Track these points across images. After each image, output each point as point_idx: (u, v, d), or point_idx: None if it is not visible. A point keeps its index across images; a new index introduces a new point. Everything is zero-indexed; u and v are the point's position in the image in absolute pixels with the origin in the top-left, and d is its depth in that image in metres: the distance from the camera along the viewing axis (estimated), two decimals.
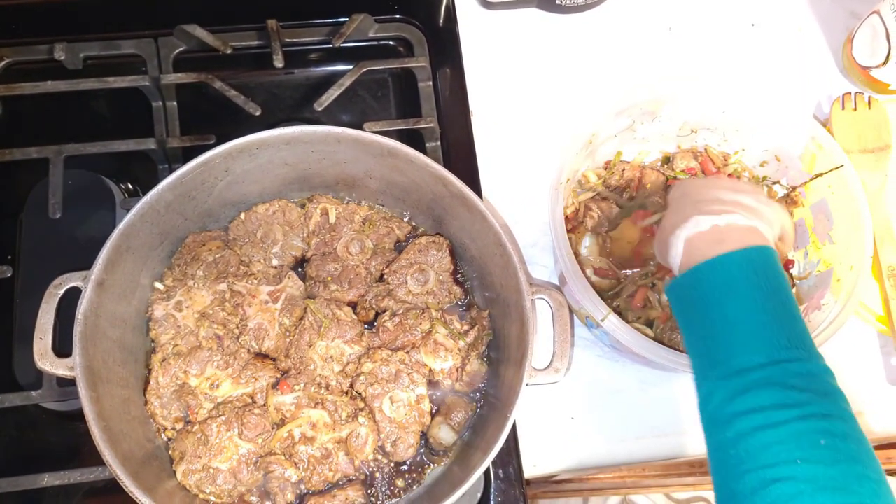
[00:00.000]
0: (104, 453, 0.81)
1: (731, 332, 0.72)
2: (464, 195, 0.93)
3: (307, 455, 0.92)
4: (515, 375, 0.89)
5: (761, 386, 0.68)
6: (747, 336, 0.72)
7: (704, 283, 0.76)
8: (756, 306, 0.73)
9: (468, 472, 0.86)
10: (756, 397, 0.68)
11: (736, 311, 0.73)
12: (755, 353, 0.70)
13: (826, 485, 0.62)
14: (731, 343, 0.72)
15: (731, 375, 0.70)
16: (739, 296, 0.74)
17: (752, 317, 0.72)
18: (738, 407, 0.68)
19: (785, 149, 1.10)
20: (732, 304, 0.73)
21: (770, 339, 0.71)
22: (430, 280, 1.01)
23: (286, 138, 0.94)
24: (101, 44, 1.16)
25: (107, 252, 0.87)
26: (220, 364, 0.94)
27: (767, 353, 0.70)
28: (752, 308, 0.73)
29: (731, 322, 0.73)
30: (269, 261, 1.02)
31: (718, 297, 0.74)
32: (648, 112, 1.09)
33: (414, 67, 1.18)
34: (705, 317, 0.75)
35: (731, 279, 0.74)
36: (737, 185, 0.87)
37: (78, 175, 1.10)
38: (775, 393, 0.67)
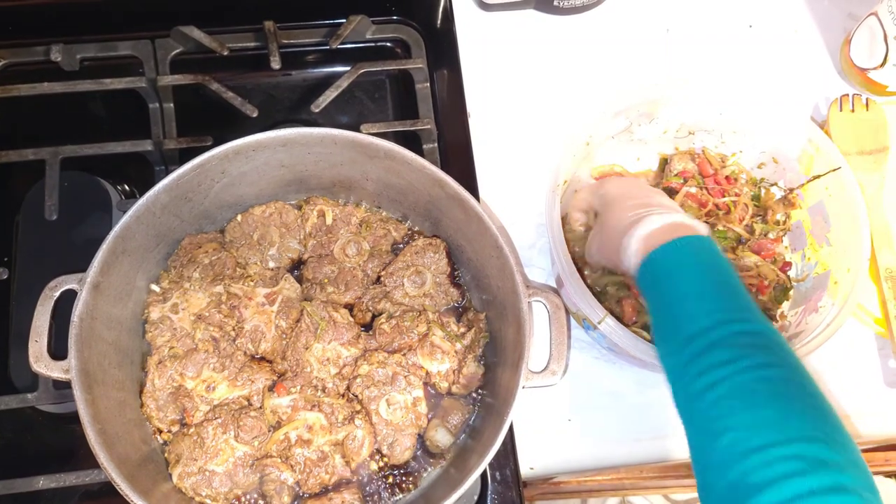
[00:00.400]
0: (99, 456, 0.80)
1: (681, 306, 0.78)
2: (460, 197, 0.93)
3: (303, 458, 0.91)
4: (512, 378, 0.89)
5: (706, 348, 0.72)
6: (694, 308, 0.76)
7: (658, 266, 0.82)
8: (702, 281, 0.78)
9: (465, 475, 0.86)
10: (702, 359, 0.72)
11: (685, 286, 0.78)
12: (700, 321, 0.75)
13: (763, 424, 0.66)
14: (680, 316, 0.77)
15: (681, 345, 0.75)
16: (687, 274, 0.79)
17: (697, 290, 0.78)
18: (690, 371, 0.72)
19: (782, 151, 1.10)
20: (681, 282, 0.79)
21: (713, 308, 0.75)
22: (427, 282, 1.01)
23: (282, 140, 0.94)
24: (98, 45, 1.16)
25: (102, 254, 0.86)
26: (216, 366, 0.94)
27: (710, 319, 0.74)
28: (698, 283, 0.78)
29: (681, 297, 0.78)
30: (266, 263, 1.01)
31: (669, 276, 0.80)
32: (646, 114, 1.09)
33: (411, 69, 1.18)
34: (661, 297, 0.81)
35: (680, 260, 0.81)
36: (651, 188, 0.96)
37: (74, 177, 1.10)
38: (718, 352, 0.71)
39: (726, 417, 0.67)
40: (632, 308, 1.04)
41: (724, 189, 1.10)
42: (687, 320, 0.76)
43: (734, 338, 0.72)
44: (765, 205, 1.12)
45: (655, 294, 0.82)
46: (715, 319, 0.74)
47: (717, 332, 0.73)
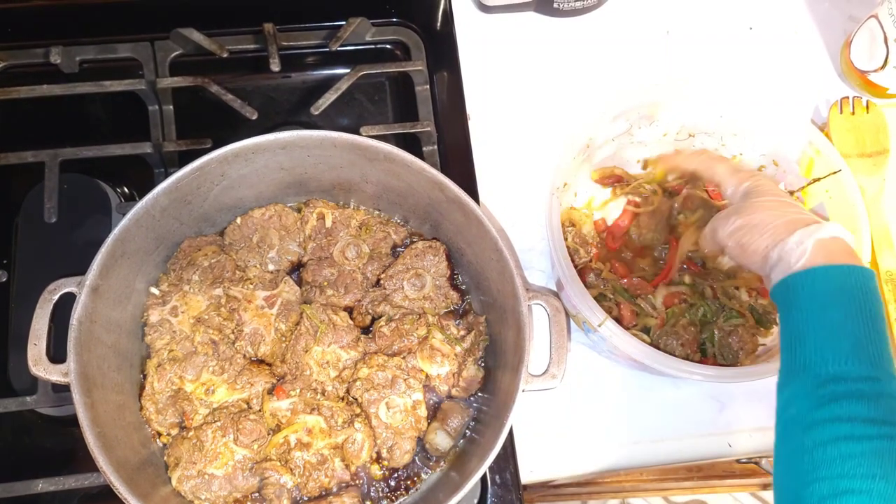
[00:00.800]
0: (98, 460, 0.80)
1: (831, 339, 0.72)
2: (460, 200, 0.93)
3: (303, 461, 0.91)
4: (512, 381, 0.89)
5: (853, 397, 0.68)
6: (847, 346, 0.71)
7: (819, 285, 0.76)
8: (859, 320, 0.73)
9: (464, 479, 0.86)
10: (846, 407, 0.67)
11: (840, 319, 0.73)
12: (852, 364, 0.70)
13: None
14: (828, 349, 0.72)
15: (823, 381, 0.70)
16: (847, 306, 0.74)
17: (854, 329, 0.72)
18: (825, 414, 0.68)
19: (783, 153, 1.10)
20: (838, 313, 0.74)
21: (869, 355, 0.71)
22: (427, 285, 1.01)
23: (282, 143, 0.93)
24: (98, 47, 1.16)
25: (102, 257, 0.86)
26: (215, 369, 0.94)
27: (864, 368, 0.70)
28: (855, 321, 0.73)
29: (834, 329, 0.73)
30: (265, 266, 1.01)
31: (827, 301, 0.75)
32: (646, 116, 1.08)
33: (411, 71, 1.18)
34: (807, 318, 0.75)
35: (843, 288, 0.75)
36: None
37: (74, 179, 1.10)
38: (866, 407, 0.67)
39: (852, 479, 0.64)
40: (630, 312, 1.04)
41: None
42: (832, 358, 0.71)
43: (884, 398, 0.68)
44: None
45: (802, 312, 0.76)
46: (866, 371, 0.70)
47: (865, 385, 0.68)
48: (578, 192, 1.12)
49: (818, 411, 0.69)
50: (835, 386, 0.70)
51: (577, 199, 1.12)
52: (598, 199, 1.14)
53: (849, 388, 0.69)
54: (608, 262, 1.08)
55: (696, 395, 1.08)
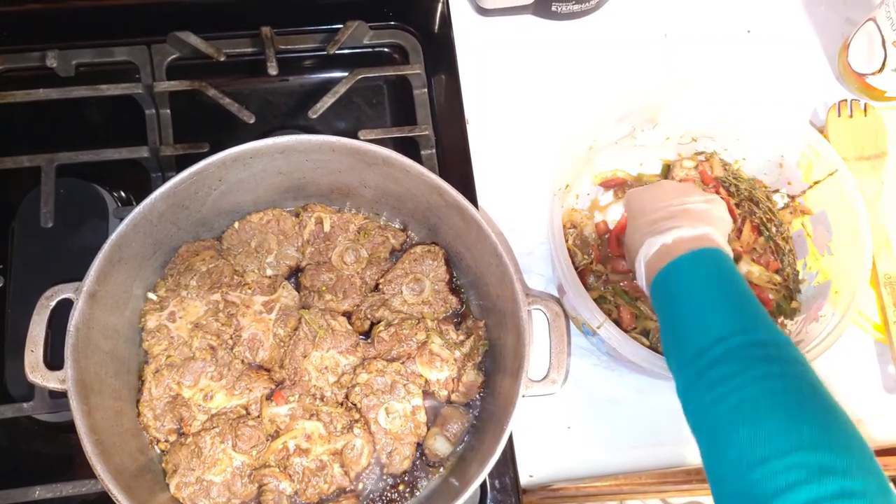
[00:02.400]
0: (96, 467, 0.80)
1: (689, 320, 0.78)
2: (459, 205, 0.92)
3: (302, 467, 0.91)
4: (512, 386, 0.89)
5: (714, 361, 0.72)
6: (702, 321, 0.77)
7: (667, 282, 0.83)
8: (709, 293, 0.79)
9: (464, 485, 0.86)
10: (710, 373, 0.72)
11: (693, 300, 0.79)
12: (708, 333, 0.75)
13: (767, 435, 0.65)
14: (689, 329, 0.78)
15: (691, 359, 0.75)
16: (695, 287, 0.80)
17: (706, 303, 0.78)
18: (699, 385, 0.73)
19: (785, 157, 1.10)
20: (690, 295, 0.80)
21: (722, 320, 0.76)
22: (426, 289, 1.00)
23: (280, 147, 0.93)
24: (94, 51, 1.15)
25: (99, 263, 0.86)
26: (213, 375, 0.93)
27: (718, 331, 0.74)
28: (705, 296, 0.79)
29: (689, 311, 0.79)
30: (264, 270, 1.01)
31: (674, 296, 0.81)
32: (649, 119, 1.08)
33: (409, 74, 1.18)
34: (671, 311, 0.81)
35: (688, 274, 0.81)
36: (684, 188, 0.94)
37: (70, 183, 1.09)
38: (725, 365, 0.72)
39: (732, 431, 0.68)
40: (630, 315, 1.04)
41: (725, 200, 1.09)
42: (696, 334, 0.76)
43: (741, 350, 0.72)
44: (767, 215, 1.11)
45: (666, 309, 0.82)
46: (723, 332, 0.74)
47: (724, 345, 0.73)
48: (580, 195, 1.12)
49: (697, 386, 0.74)
50: (701, 358, 0.74)
51: (579, 201, 1.12)
52: (601, 201, 1.14)
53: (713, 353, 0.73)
54: (609, 265, 1.08)
55: None
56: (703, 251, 0.82)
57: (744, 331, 0.74)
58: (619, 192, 1.14)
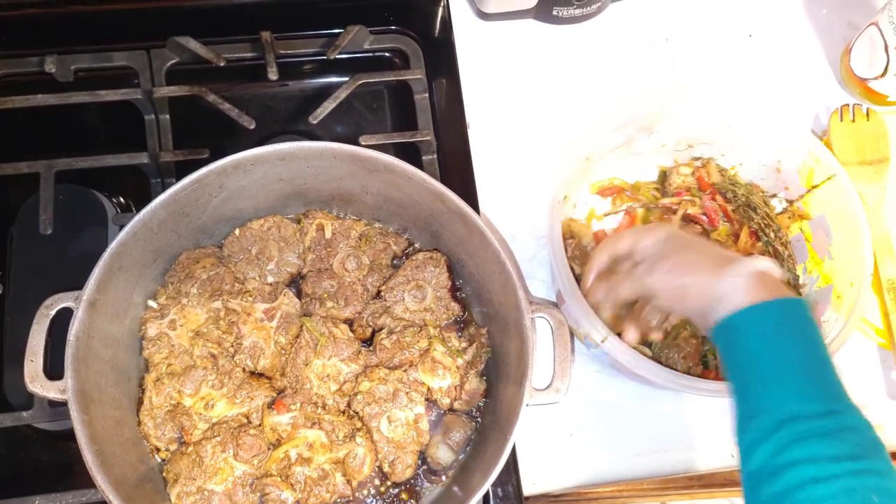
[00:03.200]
0: (96, 478, 0.79)
1: (780, 377, 0.71)
2: (462, 212, 0.92)
3: (304, 476, 0.90)
4: (515, 395, 0.88)
5: (814, 436, 0.67)
6: (798, 382, 0.70)
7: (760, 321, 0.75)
8: (805, 353, 0.72)
9: (468, 494, 0.85)
10: (808, 448, 0.66)
11: (787, 355, 0.72)
12: (806, 401, 0.69)
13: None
14: (780, 388, 0.71)
15: (781, 423, 0.68)
16: (791, 341, 0.73)
17: (802, 363, 0.71)
18: (789, 458, 0.66)
19: (784, 162, 1.09)
20: (783, 348, 0.72)
21: (821, 388, 0.70)
22: (428, 296, 1.00)
23: (281, 154, 0.92)
24: (93, 56, 1.14)
25: (99, 272, 0.85)
26: (214, 383, 0.93)
27: (819, 403, 0.69)
28: (801, 354, 0.72)
29: (781, 366, 0.72)
30: (265, 278, 1.00)
31: (770, 338, 0.73)
32: (644, 127, 1.08)
33: (410, 79, 1.17)
34: (753, 358, 0.74)
35: (784, 322, 0.74)
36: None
37: (69, 189, 1.08)
38: (828, 444, 0.66)
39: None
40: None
41: (723, 207, 1.09)
42: (788, 398, 0.70)
43: (843, 432, 0.67)
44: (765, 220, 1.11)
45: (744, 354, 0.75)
46: (823, 407, 0.69)
47: (824, 422, 0.67)
48: (578, 204, 1.11)
49: (781, 456, 0.67)
50: (793, 426, 0.68)
51: (577, 210, 1.11)
52: (599, 209, 1.13)
53: (807, 426, 0.67)
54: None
55: (698, 405, 1.07)
56: (799, 303, 0.75)
57: (837, 411, 0.69)
58: (617, 199, 1.14)
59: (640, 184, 1.15)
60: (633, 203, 1.12)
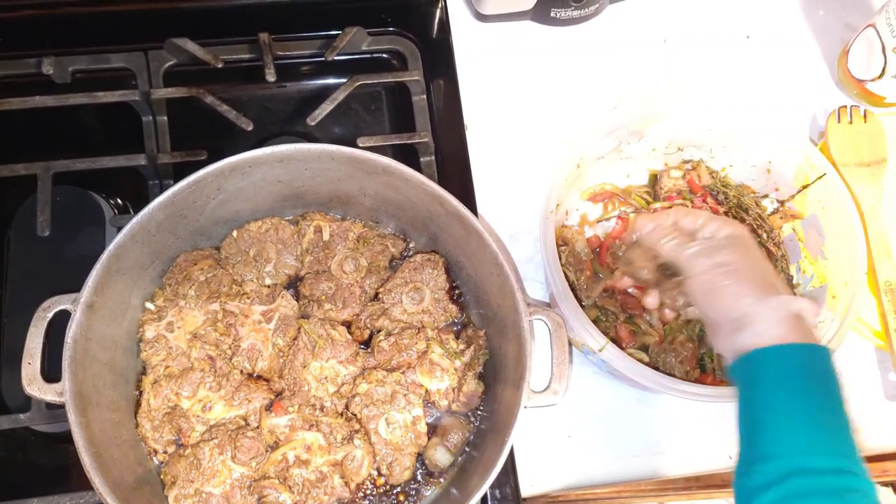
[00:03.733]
0: (94, 480, 0.79)
1: (794, 426, 0.69)
2: (460, 214, 0.92)
3: (302, 478, 0.90)
4: (513, 397, 0.88)
5: (820, 494, 0.65)
6: (811, 436, 0.68)
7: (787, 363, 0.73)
8: (824, 406, 0.70)
9: (466, 496, 0.85)
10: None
11: (805, 405, 0.70)
12: (817, 456, 0.67)
13: None
14: (792, 438, 0.69)
15: (787, 475, 0.66)
16: (812, 390, 0.71)
17: (819, 416, 0.70)
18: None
19: (775, 163, 1.09)
20: (803, 397, 0.71)
21: (834, 445, 0.68)
22: (426, 298, 1.00)
23: (279, 156, 0.92)
24: (90, 57, 1.14)
25: (96, 274, 0.85)
26: (212, 386, 0.93)
27: (829, 459, 0.67)
28: (820, 407, 0.70)
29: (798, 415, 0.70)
30: (262, 280, 1.00)
31: (792, 383, 0.71)
32: (635, 132, 1.08)
33: (408, 81, 1.17)
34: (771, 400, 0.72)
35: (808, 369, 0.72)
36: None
37: (67, 191, 1.08)
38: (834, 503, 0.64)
39: None
40: (628, 332, 1.04)
41: (714, 209, 1.09)
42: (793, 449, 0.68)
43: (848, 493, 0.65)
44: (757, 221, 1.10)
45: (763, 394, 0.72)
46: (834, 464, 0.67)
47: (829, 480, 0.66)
48: (570, 211, 1.11)
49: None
50: (800, 480, 0.66)
51: (569, 217, 1.11)
52: (591, 215, 1.13)
53: (815, 483, 0.66)
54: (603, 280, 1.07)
55: (696, 407, 1.07)
56: (814, 348, 0.73)
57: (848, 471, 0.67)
58: (608, 204, 1.13)
59: (631, 188, 1.15)
60: (626, 208, 1.12)
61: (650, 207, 1.11)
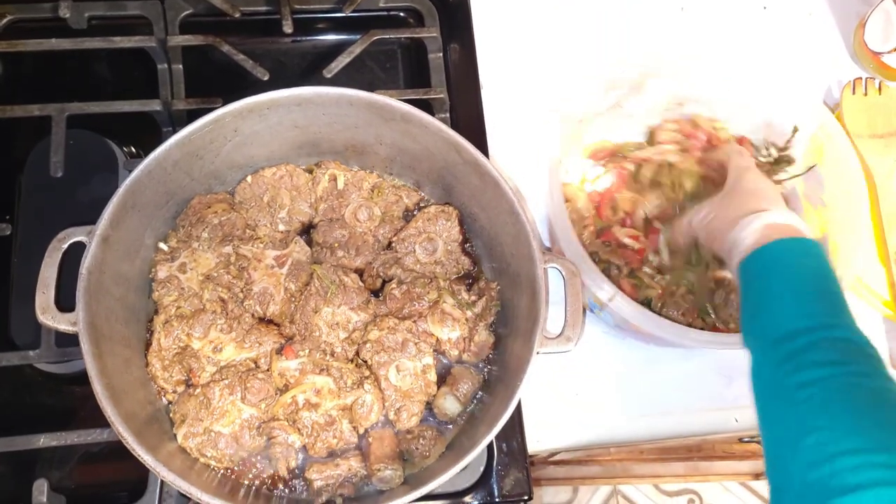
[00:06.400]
0: (106, 410, 0.78)
1: (781, 303, 0.77)
2: (477, 162, 0.92)
3: (311, 421, 0.90)
4: (524, 346, 0.88)
5: (805, 347, 0.71)
6: (795, 307, 0.76)
7: (764, 261, 0.81)
8: (805, 281, 0.78)
9: (472, 445, 0.85)
10: (800, 358, 0.71)
11: (788, 284, 0.78)
12: (800, 320, 0.74)
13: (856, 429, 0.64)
14: (779, 313, 0.76)
15: (777, 341, 0.74)
16: (791, 273, 0.79)
17: (801, 289, 0.77)
18: (783, 368, 0.71)
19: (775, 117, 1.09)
20: (785, 279, 0.79)
21: (815, 310, 0.75)
22: (439, 249, 1.00)
23: (297, 99, 0.92)
24: (107, 3, 1.14)
25: (113, 207, 0.85)
26: (223, 328, 0.92)
27: (811, 321, 0.74)
28: (801, 283, 0.78)
29: (782, 294, 0.77)
30: (276, 225, 1.00)
31: (772, 272, 0.80)
32: (635, 87, 1.07)
33: (425, 37, 1.17)
34: (761, 291, 0.80)
35: (786, 259, 0.81)
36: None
37: (80, 135, 1.07)
38: (817, 353, 0.70)
39: (818, 417, 0.66)
40: (631, 286, 1.03)
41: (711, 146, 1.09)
42: (786, 318, 0.75)
43: (835, 342, 0.71)
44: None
45: (755, 288, 0.81)
46: (816, 322, 0.74)
47: (817, 334, 0.72)
48: (570, 169, 1.10)
49: (780, 368, 0.72)
50: (791, 342, 0.73)
51: (569, 175, 1.10)
52: (590, 174, 1.12)
53: (804, 340, 0.72)
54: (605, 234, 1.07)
55: (703, 369, 1.07)
56: (806, 240, 0.82)
57: (838, 325, 0.74)
58: (608, 162, 1.13)
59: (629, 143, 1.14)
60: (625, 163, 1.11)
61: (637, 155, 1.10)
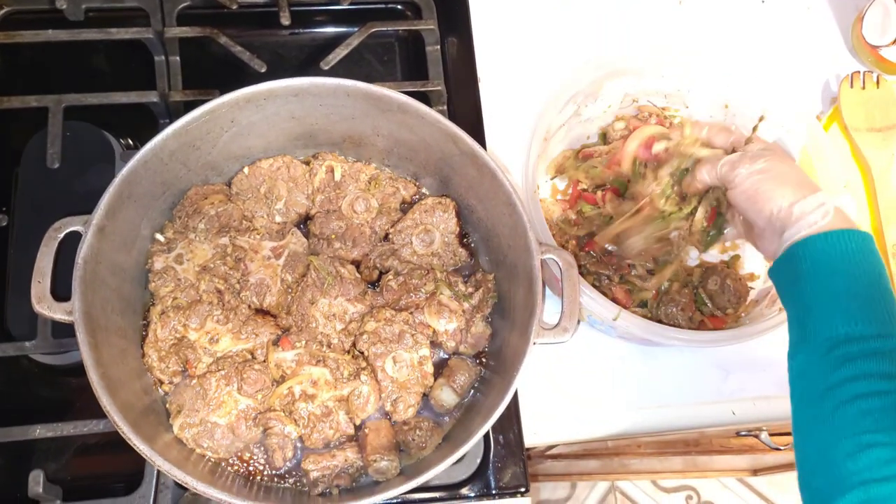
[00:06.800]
0: (102, 400, 0.78)
1: (839, 303, 0.73)
2: (474, 153, 0.91)
3: (307, 412, 0.90)
4: (521, 338, 0.88)
5: (866, 355, 0.68)
6: (856, 308, 0.72)
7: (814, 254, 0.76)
8: (867, 283, 0.74)
9: (468, 435, 0.85)
10: (860, 366, 0.68)
11: (848, 284, 0.74)
12: (862, 325, 0.71)
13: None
14: (837, 313, 0.72)
15: (834, 345, 0.70)
16: (855, 270, 0.74)
17: (862, 291, 0.73)
18: (841, 375, 0.69)
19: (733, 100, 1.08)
20: (846, 277, 0.74)
21: (878, 315, 0.71)
22: (436, 241, 1.00)
23: (294, 90, 0.92)
24: None
25: (109, 197, 0.84)
26: (220, 319, 0.92)
27: (874, 327, 0.70)
28: (862, 284, 0.74)
29: (841, 294, 0.73)
30: (273, 217, 1.00)
31: (837, 266, 0.75)
32: (590, 94, 1.07)
33: (422, 30, 1.17)
34: (811, 287, 0.75)
35: (852, 252, 0.75)
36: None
37: (77, 127, 1.07)
38: (880, 363, 0.68)
39: (875, 433, 0.64)
40: (624, 293, 1.03)
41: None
42: (844, 320, 0.71)
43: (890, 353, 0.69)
44: None
45: (815, 277, 0.76)
46: (875, 329, 0.70)
47: (877, 343, 0.69)
48: (540, 185, 1.10)
49: (833, 374, 0.69)
50: (847, 347, 0.70)
51: (540, 191, 1.10)
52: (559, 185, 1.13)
53: (861, 347, 0.70)
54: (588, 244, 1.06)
55: (700, 362, 1.07)
56: (858, 233, 0.77)
57: (890, 335, 0.70)
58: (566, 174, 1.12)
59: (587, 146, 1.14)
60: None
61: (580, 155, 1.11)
